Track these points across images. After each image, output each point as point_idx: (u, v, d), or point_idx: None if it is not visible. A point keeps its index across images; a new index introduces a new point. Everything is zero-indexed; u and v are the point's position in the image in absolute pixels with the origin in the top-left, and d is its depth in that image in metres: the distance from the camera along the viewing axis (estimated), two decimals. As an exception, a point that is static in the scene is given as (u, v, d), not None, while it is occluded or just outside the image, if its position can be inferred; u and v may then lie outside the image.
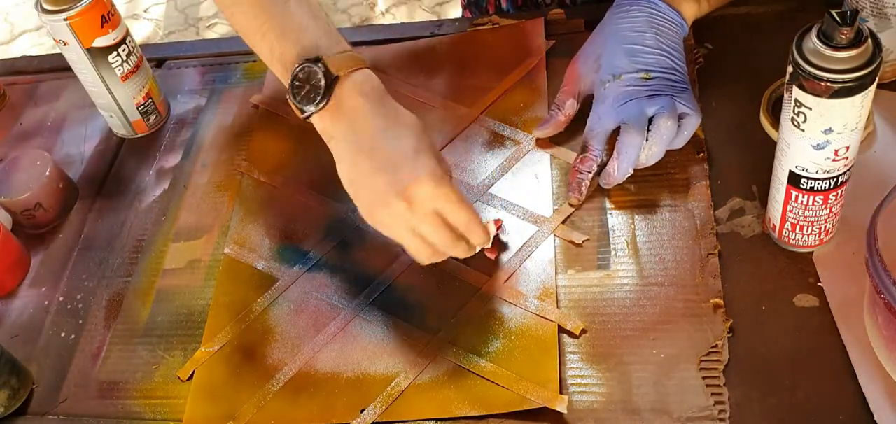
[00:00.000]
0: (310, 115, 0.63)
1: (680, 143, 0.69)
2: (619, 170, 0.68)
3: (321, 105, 0.62)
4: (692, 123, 0.69)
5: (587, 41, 0.76)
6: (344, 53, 0.64)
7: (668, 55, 0.71)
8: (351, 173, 0.63)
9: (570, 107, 0.75)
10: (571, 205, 0.71)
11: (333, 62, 0.62)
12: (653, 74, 0.69)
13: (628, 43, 0.71)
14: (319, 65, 0.62)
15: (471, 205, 0.64)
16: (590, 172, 0.70)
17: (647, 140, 0.68)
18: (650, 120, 0.68)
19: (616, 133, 0.69)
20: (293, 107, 0.63)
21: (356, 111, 0.62)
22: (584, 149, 0.70)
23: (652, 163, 0.69)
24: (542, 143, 0.77)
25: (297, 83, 0.63)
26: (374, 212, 0.63)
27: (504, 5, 0.97)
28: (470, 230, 0.63)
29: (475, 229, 0.63)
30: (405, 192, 0.60)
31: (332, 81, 0.62)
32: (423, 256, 0.64)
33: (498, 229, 0.69)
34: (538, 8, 0.95)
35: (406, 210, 0.61)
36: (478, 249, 0.66)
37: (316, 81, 0.62)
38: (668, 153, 0.69)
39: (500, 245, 0.70)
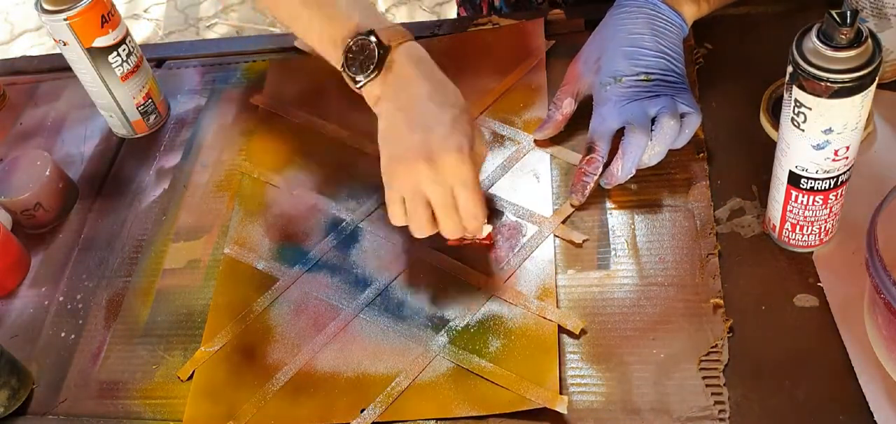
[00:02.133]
0: (364, 84, 0.66)
1: (682, 142, 0.69)
2: (622, 170, 0.68)
3: (374, 73, 0.65)
4: (694, 122, 0.69)
5: (587, 41, 0.76)
6: (393, 26, 0.67)
7: (667, 57, 0.71)
8: (387, 127, 0.66)
9: (568, 106, 0.75)
10: (573, 206, 0.71)
11: (385, 34, 0.65)
12: (653, 76, 0.70)
13: (628, 45, 0.71)
14: (372, 37, 0.65)
15: (483, 197, 0.64)
16: (595, 174, 0.70)
17: (650, 140, 0.68)
18: (653, 120, 0.68)
19: (618, 134, 0.70)
20: (347, 77, 0.67)
21: (406, 77, 0.65)
22: (590, 150, 0.70)
23: (654, 163, 0.69)
24: (542, 143, 0.77)
25: (351, 55, 0.66)
26: (395, 165, 0.64)
27: (497, 3, 0.97)
28: (470, 218, 0.64)
29: (474, 219, 0.64)
30: (431, 156, 0.62)
31: (384, 51, 0.65)
32: (423, 227, 0.65)
33: (488, 240, 0.70)
34: (532, 7, 0.95)
35: (425, 172, 0.62)
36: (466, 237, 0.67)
37: (369, 52, 0.65)
38: (669, 153, 0.69)
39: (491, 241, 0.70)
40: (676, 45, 0.72)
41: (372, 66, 0.65)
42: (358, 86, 0.66)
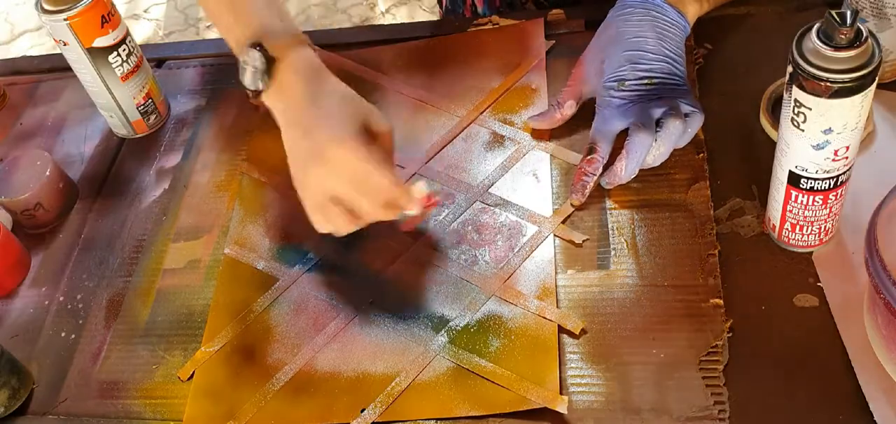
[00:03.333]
0: (255, 96, 0.67)
1: (685, 142, 0.69)
2: (626, 170, 0.68)
3: (261, 89, 0.66)
4: (697, 121, 0.69)
5: (591, 43, 0.76)
6: (286, 35, 0.67)
7: (670, 60, 0.71)
8: (286, 143, 0.66)
9: (569, 108, 0.75)
10: (573, 205, 0.71)
11: (275, 45, 0.66)
12: (655, 80, 0.70)
13: (631, 49, 0.71)
14: (260, 49, 0.65)
15: (385, 170, 0.63)
16: (595, 174, 0.70)
17: (655, 140, 0.68)
18: (657, 121, 0.68)
19: (620, 136, 0.70)
20: (243, 88, 0.67)
21: (291, 87, 0.65)
22: (591, 150, 0.70)
23: (658, 163, 0.69)
24: (539, 134, 0.77)
25: (243, 67, 0.66)
26: (297, 179, 0.64)
27: (480, 9, 0.97)
28: (379, 192, 0.63)
29: (391, 193, 0.63)
30: (320, 156, 0.62)
31: (270, 64, 0.65)
32: (344, 225, 0.64)
33: (429, 201, 0.67)
34: (513, 8, 0.95)
35: (320, 174, 0.62)
36: (402, 215, 0.66)
37: (257, 67, 0.65)
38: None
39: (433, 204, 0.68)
40: (679, 47, 0.72)
41: (259, 82, 0.65)
42: (251, 99, 0.67)
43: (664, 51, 0.71)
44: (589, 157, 0.70)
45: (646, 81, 0.70)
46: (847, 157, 0.57)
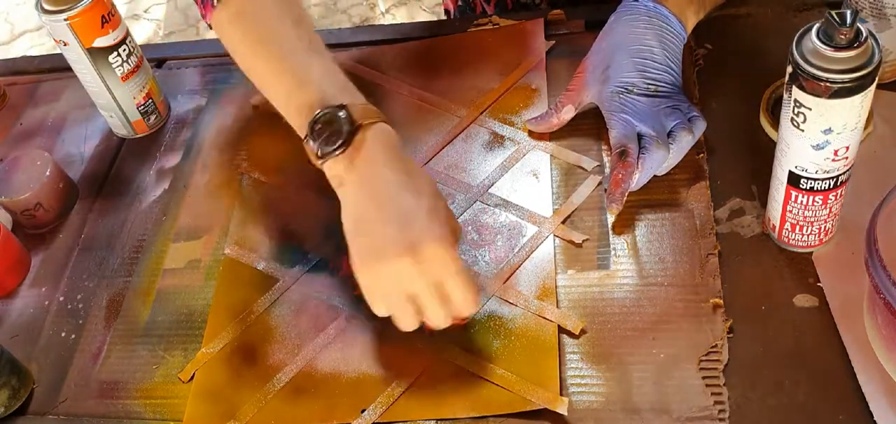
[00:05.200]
0: (327, 158, 0.61)
1: (689, 148, 0.69)
2: (637, 183, 0.68)
3: (340, 150, 0.60)
4: (701, 127, 0.69)
5: (593, 49, 0.75)
6: (365, 105, 0.63)
7: (672, 72, 0.71)
8: (356, 220, 0.61)
9: (568, 113, 0.75)
10: (611, 214, 0.69)
11: (357, 111, 0.61)
12: (661, 90, 0.70)
13: (639, 56, 0.70)
14: (343, 111, 0.61)
15: (473, 278, 0.61)
16: (631, 178, 0.67)
17: (668, 154, 0.67)
18: (668, 133, 0.68)
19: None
20: (309, 150, 0.62)
21: (373, 161, 0.61)
22: (623, 154, 0.67)
23: (664, 172, 0.69)
24: (536, 137, 0.77)
25: (319, 126, 0.61)
26: (373, 261, 0.59)
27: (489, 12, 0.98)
28: (465, 307, 0.60)
29: (470, 307, 0.60)
30: (414, 250, 0.57)
31: (354, 128, 0.61)
32: (410, 323, 0.60)
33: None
34: (528, 9, 0.95)
35: (411, 268, 0.57)
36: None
37: (338, 126, 0.61)
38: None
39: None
40: (679, 57, 0.72)
41: (339, 142, 0.60)
42: (321, 162, 0.62)
43: (668, 61, 0.71)
44: (623, 162, 0.67)
45: (653, 90, 0.70)
46: (847, 157, 0.57)
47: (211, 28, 0.73)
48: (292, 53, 0.66)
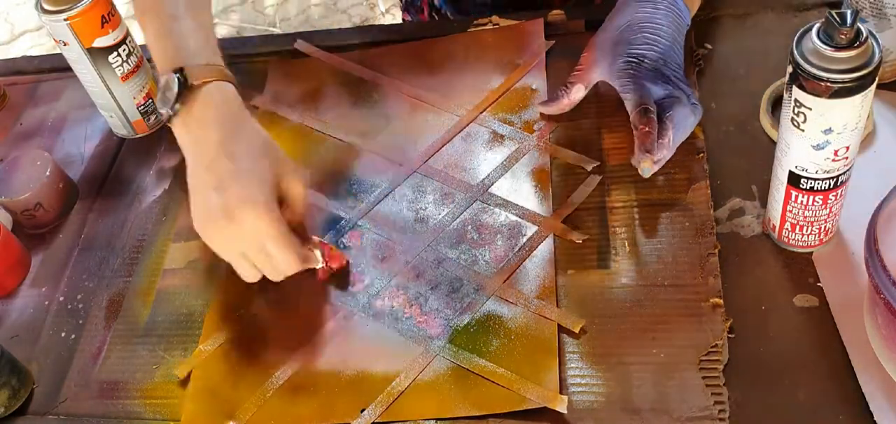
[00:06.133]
0: (165, 121, 0.65)
1: (684, 137, 0.70)
2: (675, 140, 0.68)
3: (174, 112, 0.64)
4: (698, 114, 0.70)
5: (603, 28, 0.76)
6: (208, 65, 0.65)
7: (678, 52, 0.72)
8: (190, 184, 0.64)
9: (577, 92, 0.75)
10: (645, 170, 0.67)
11: (193, 71, 0.64)
12: (669, 67, 0.71)
13: (649, 32, 0.72)
14: (179, 73, 0.64)
15: (290, 240, 0.64)
16: (655, 134, 0.67)
17: (694, 116, 0.69)
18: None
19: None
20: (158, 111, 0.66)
21: (202, 121, 0.64)
22: (645, 112, 0.67)
23: (665, 160, 0.68)
24: (538, 136, 0.76)
25: (159, 91, 0.65)
26: (205, 228, 0.63)
27: (437, 2, 0.98)
28: (286, 267, 0.64)
29: (290, 266, 0.65)
30: (229, 215, 0.61)
31: (186, 89, 0.64)
32: (250, 276, 0.65)
33: (330, 257, 0.69)
34: (475, 11, 0.95)
35: (230, 232, 0.62)
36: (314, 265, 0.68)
37: (172, 89, 0.64)
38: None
39: (339, 263, 0.70)
40: (683, 41, 0.73)
41: (172, 104, 0.64)
42: (162, 122, 0.66)
43: (676, 40, 0.72)
44: (646, 118, 0.67)
45: (661, 64, 0.71)
46: (847, 157, 0.57)
47: None
48: (171, 19, 0.68)
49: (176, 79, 0.64)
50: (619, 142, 0.74)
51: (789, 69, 0.54)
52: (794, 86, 0.54)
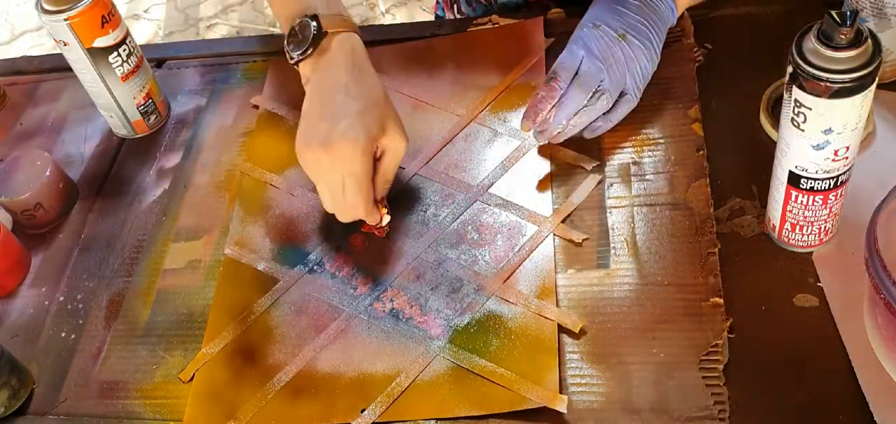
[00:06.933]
0: (296, 61, 0.71)
1: (614, 121, 0.72)
2: (554, 120, 0.71)
3: (306, 53, 0.69)
4: (631, 104, 0.72)
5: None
6: (339, 17, 0.72)
7: (651, 29, 0.72)
8: (304, 112, 0.69)
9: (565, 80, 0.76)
10: (524, 130, 0.72)
11: (327, 20, 0.70)
12: (627, 37, 0.71)
13: (618, 4, 0.73)
14: (315, 20, 0.70)
15: (369, 190, 0.67)
16: (551, 102, 0.70)
17: (585, 103, 0.70)
18: (596, 90, 0.70)
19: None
20: (287, 54, 0.71)
21: (331, 63, 0.69)
22: (552, 78, 0.71)
23: (592, 135, 0.72)
24: (543, 149, 0.76)
25: (292, 34, 0.71)
26: (300, 149, 0.68)
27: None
28: (352, 207, 0.68)
29: (355, 209, 0.68)
30: (327, 143, 0.65)
31: (320, 35, 0.69)
32: (328, 205, 0.69)
33: (381, 228, 0.72)
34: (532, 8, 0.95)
35: (322, 159, 0.66)
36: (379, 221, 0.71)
37: (307, 33, 0.70)
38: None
39: (381, 234, 0.73)
40: (660, 36, 0.73)
41: (306, 47, 0.69)
42: (292, 62, 0.71)
43: (649, 18, 0.72)
44: (548, 84, 0.71)
45: (619, 35, 0.71)
46: (847, 157, 0.57)
47: None
48: None
49: (311, 25, 0.69)
50: (619, 141, 0.74)
51: (789, 69, 0.54)
52: (794, 87, 0.54)
